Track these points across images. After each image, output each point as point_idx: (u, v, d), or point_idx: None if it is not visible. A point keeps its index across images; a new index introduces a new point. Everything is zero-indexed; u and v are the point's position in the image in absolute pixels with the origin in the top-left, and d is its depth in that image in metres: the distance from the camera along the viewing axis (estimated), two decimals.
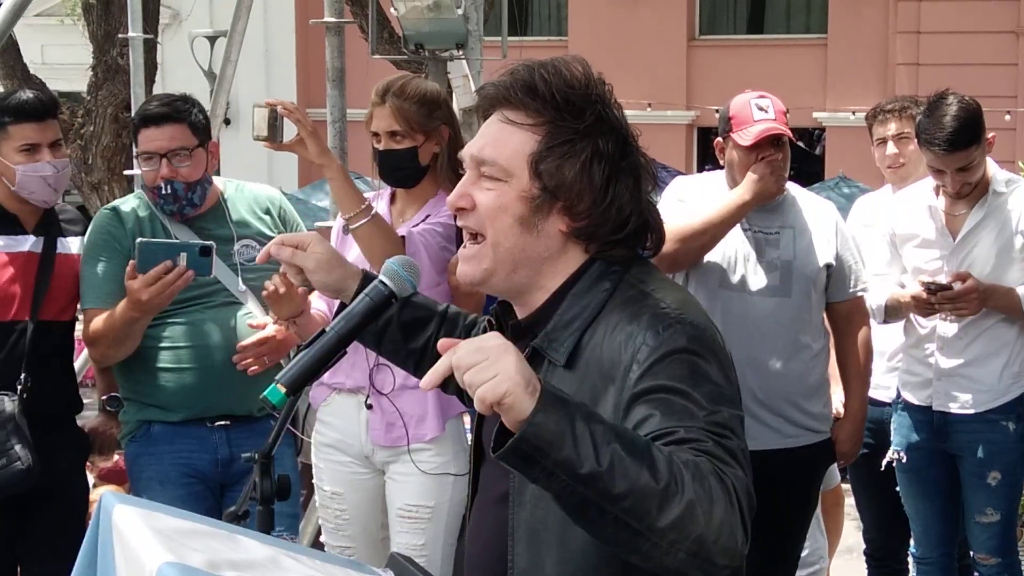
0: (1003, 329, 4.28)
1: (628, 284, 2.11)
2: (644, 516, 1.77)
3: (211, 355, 3.86)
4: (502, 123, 2.14)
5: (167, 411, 3.89)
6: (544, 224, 2.11)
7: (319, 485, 3.95)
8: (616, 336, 2.04)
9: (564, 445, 1.76)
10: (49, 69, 16.33)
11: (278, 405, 2.27)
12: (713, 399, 1.95)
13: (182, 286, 3.65)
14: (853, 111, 17.71)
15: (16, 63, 10.95)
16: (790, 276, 4.01)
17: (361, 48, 7.79)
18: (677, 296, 2.10)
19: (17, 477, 3.71)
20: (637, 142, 2.17)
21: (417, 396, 3.74)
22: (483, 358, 1.77)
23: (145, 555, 1.91)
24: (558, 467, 1.76)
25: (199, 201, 3.89)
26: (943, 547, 4.50)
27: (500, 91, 2.14)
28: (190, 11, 19.45)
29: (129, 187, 8.48)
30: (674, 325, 2.01)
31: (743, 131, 3.93)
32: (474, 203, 2.13)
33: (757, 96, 3.99)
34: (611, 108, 2.14)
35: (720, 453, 1.87)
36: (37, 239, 3.90)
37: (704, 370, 1.98)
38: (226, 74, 7.03)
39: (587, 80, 2.11)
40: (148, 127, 3.84)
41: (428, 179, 3.82)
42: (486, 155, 2.13)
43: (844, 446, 4.20)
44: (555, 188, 2.08)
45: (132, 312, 3.70)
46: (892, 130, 4.79)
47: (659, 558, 1.80)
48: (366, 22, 7.75)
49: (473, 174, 2.16)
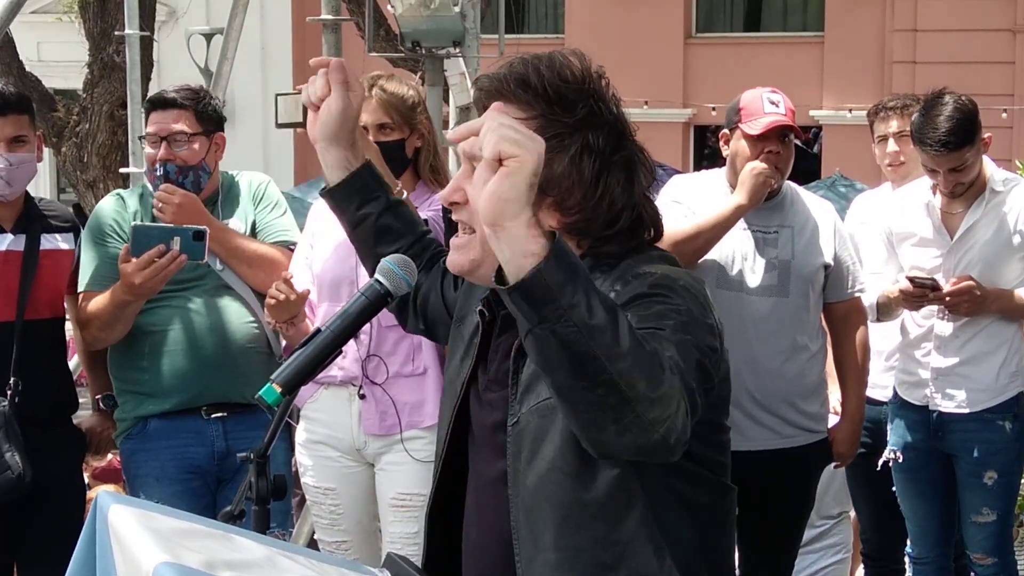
0: (1000, 328, 4.28)
1: (620, 269, 2.11)
2: (637, 382, 1.78)
3: (203, 339, 3.88)
4: None
5: (161, 398, 3.89)
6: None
7: (309, 483, 3.94)
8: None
9: (577, 290, 1.76)
10: (45, 66, 16.33)
11: (273, 404, 2.28)
12: (675, 329, 1.95)
13: (175, 270, 3.67)
14: (850, 109, 17.75)
15: (12, 60, 10.92)
16: (788, 276, 4.01)
17: (358, 46, 7.78)
18: (663, 267, 2.10)
19: (8, 486, 3.70)
20: (634, 137, 2.16)
21: (413, 383, 3.76)
22: (517, 134, 1.78)
23: (141, 555, 1.91)
24: (571, 309, 1.76)
25: (190, 187, 3.91)
26: (939, 547, 4.50)
27: (494, 84, 2.14)
28: (186, 8, 19.43)
29: (124, 185, 8.45)
30: (642, 275, 2.04)
31: (753, 121, 3.94)
32: (467, 197, 2.13)
33: (769, 91, 4.02)
34: (606, 102, 2.14)
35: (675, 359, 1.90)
36: (16, 237, 3.86)
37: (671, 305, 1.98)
38: (222, 71, 7.03)
39: (583, 74, 2.11)
40: (156, 111, 3.93)
41: (409, 173, 3.86)
42: (478, 149, 2.14)
43: (841, 447, 4.19)
44: (545, 183, 2.05)
45: (125, 295, 3.73)
46: (894, 127, 4.79)
47: (635, 435, 1.80)
48: (363, 20, 7.73)
49: (467, 168, 2.15)
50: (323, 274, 3.83)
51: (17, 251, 3.86)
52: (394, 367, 3.76)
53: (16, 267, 3.84)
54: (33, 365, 3.83)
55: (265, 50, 21.29)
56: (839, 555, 5.08)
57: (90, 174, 10.75)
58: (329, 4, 6.20)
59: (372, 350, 3.76)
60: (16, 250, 3.86)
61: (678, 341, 1.92)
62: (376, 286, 2.34)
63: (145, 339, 3.89)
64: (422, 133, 3.86)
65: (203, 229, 3.69)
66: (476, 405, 2.25)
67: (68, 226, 4.00)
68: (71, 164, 10.91)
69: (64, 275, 3.94)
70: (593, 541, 2.05)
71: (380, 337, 3.74)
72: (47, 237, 3.93)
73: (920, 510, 4.48)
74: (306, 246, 3.91)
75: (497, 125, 1.80)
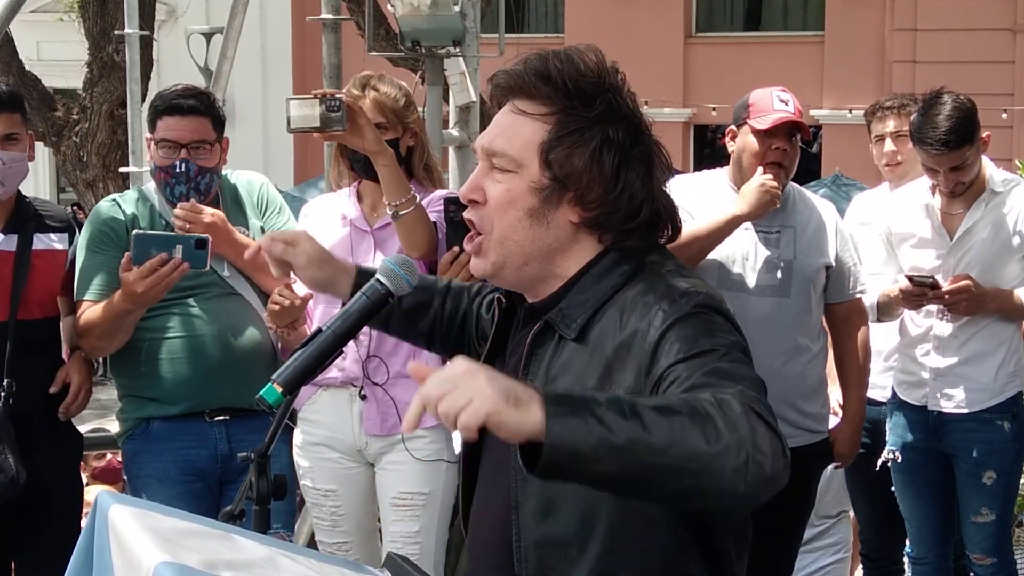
0: (999, 328, 4.28)
1: (646, 268, 2.12)
2: (695, 453, 1.75)
3: (207, 346, 3.85)
4: (514, 113, 2.14)
5: (165, 404, 3.87)
6: (554, 215, 2.12)
7: (309, 485, 3.93)
8: (634, 308, 2.06)
9: (592, 431, 1.72)
10: (45, 65, 16.35)
11: (274, 404, 2.28)
12: (727, 346, 1.98)
13: (177, 278, 3.64)
14: (850, 109, 17.74)
15: (12, 59, 10.93)
16: (790, 276, 3.99)
17: (358, 45, 7.77)
18: (691, 279, 2.12)
19: (1, 488, 3.69)
20: (650, 131, 2.17)
21: (415, 383, 3.74)
22: (452, 387, 1.73)
23: (141, 555, 1.90)
24: (599, 451, 1.72)
25: (205, 190, 3.87)
26: (939, 547, 4.50)
27: (513, 79, 2.14)
28: (186, 7, 19.43)
29: (124, 184, 8.47)
30: (688, 293, 2.04)
31: (761, 117, 3.92)
32: (486, 196, 2.14)
33: (779, 90, 4.01)
34: (623, 96, 2.14)
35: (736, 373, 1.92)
36: (8, 237, 3.83)
37: (718, 324, 2.02)
38: (222, 71, 7.03)
39: (599, 68, 2.12)
40: (172, 115, 3.82)
41: (403, 172, 3.85)
42: (497, 146, 2.14)
43: (842, 448, 4.19)
44: (565, 177, 2.09)
45: (126, 304, 3.69)
46: (891, 127, 4.78)
47: (725, 483, 1.78)
48: (363, 19, 7.73)
49: (485, 165, 2.16)
50: None
51: (9, 251, 3.83)
52: (395, 368, 3.75)
53: (8, 267, 3.81)
54: (27, 366, 3.80)
55: (265, 50, 21.28)
56: (838, 555, 5.08)
57: (90, 173, 10.76)
58: (329, 4, 6.20)
59: (372, 351, 3.76)
60: (8, 250, 3.83)
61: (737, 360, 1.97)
62: (377, 286, 2.34)
63: (149, 345, 3.86)
64: (415, 132, 3.87)
65: (205, 237, 3.64)
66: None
67: (62, 226, 3.96)
68: (71, 163, 10.92)
69: (58, 275, 3.91)
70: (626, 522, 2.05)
71: (380, 338, 3.73)
72: (40, 237, 3.89)
73: (919, 510, 4.48)
74: None
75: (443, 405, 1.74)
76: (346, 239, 3.81)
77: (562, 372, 2.09)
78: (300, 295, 3.65)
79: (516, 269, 2.15)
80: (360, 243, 3.81)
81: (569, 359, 2.09)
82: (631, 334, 2.03)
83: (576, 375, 2.08)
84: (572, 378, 2.08)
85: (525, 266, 2.14)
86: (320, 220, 3.89)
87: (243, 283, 3.92)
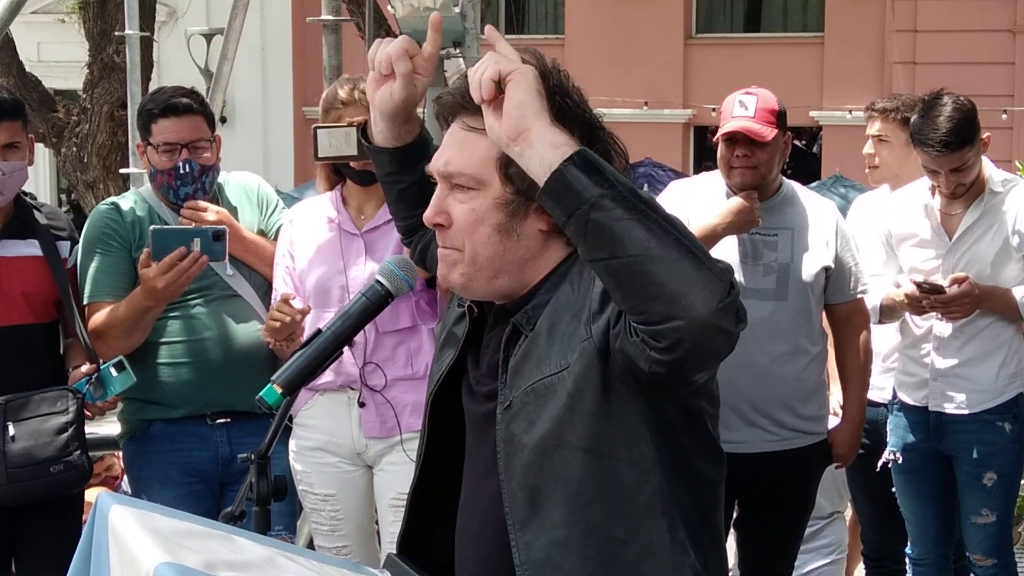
0: (1000, 329, 4.28)
1: None
2: (678, 251, 1.85)
3: (209, 350, 3.85)
4: (464, 131, 2.12)
5: (167, 407, 3.88)
6: (523, 227, 2.11)
7: (307, 491, 3.91)
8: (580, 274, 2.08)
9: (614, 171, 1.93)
10: (45, 67, 16.33)
11: (274, 406, 2.28)
12: None
13: (197, 272, 3.64)
14: (850, 110, 17.71)
15: (12, 61, 10.92)
16: (787, 280, 3.98)
17: (358, 46, 7.78)
18: None
19: (71, 481, 3.72)
20: (603, 126, 2.15)
21: (413, 385, 3.75)
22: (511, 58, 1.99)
23: (141, 555, 1.91)
24: (616, 178, 1.90)
25: (209, 188, 3.88)
26: (939, 548, 4.50)
27: (458, 97, 2.13)
28: (186, 9, 19.43)
29: (124, 185, 8.45)
30: None
31: (723, 124, 3.94)
32: (451, 219, 2.12)
33: (744, 93, 3.97)
34: (571, 95, 2.11)
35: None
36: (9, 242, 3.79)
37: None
38: (223, 72, 7.01)
39: (542, 72, 2.05)
40: (168, 117, 3.81)
41: None
42: (454, 167, 2.12)
43: (842, 449, 4.18)
44: (528, 188, 2.05)
45: (147, 300, 3.69)
46: (874, 129, 4.79)
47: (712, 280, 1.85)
48: (363, 20, 7.73)
49: (444, 187, 2.14)
50: (308, 280, 3.80)
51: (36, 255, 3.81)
52: (393, 372, 3.74)
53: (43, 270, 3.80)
54: (20, 371, 3.77)
55: (265, 50, 21.27)
56: (832, 556, 5.04)
57: (90, 174, 10.75)
58: (329, 4, 6.20)
59: (369, 357, 3.75)
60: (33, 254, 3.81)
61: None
62: (377, 287, 2.34)
63: (150, 350, 3.85)
64: None
65: (222, 229, 3.64)
66: (468, 399, 2.26)
67: (65, 235, 3.93)
68: (71, 165, 10.91)
69: (40, 280, 3.83)
70: (606, 515, 2.04)
71: (377, 343, 3.73)
72: (9, 243, 3.79)
73: (920, 511, 4.48)
74: (286, 255, 3.86)
75: (492, 59, 1.98)
76: (335, 242, 3.79)
77: (523, 362, 2.10)
78: (298, 308, 3.65)
79: (487, 282, 2.14)
80: (350, 246, 3.78)
81: (528, 348, 2.10)
82: (579, 307, 2.05)
83: (537, 359, 2.08)
84: (532, 363, 2.09)
85: (495, 279, 2.13)
86: (306, 224, 3.87)
87: (244, 284, 3.91)
